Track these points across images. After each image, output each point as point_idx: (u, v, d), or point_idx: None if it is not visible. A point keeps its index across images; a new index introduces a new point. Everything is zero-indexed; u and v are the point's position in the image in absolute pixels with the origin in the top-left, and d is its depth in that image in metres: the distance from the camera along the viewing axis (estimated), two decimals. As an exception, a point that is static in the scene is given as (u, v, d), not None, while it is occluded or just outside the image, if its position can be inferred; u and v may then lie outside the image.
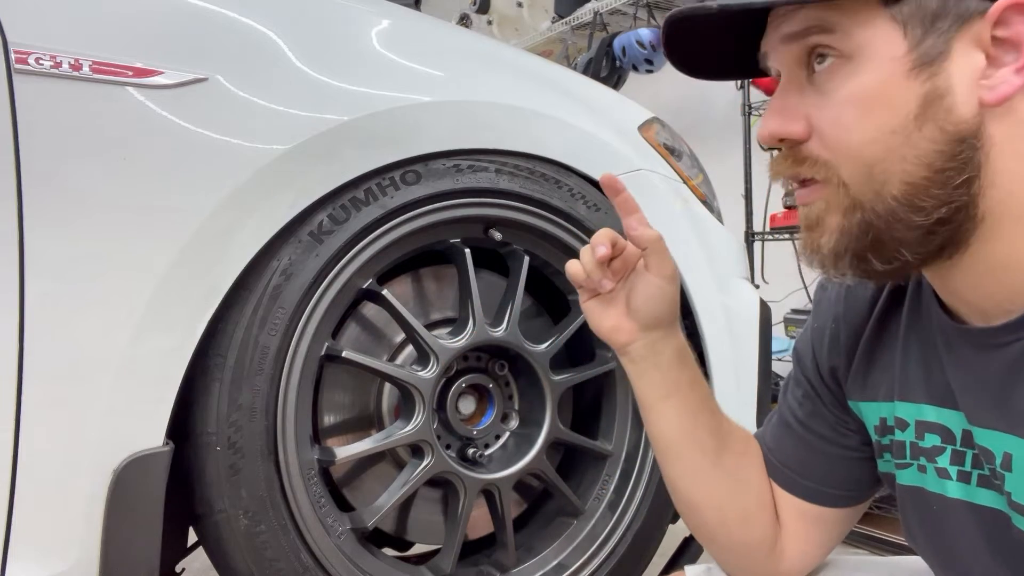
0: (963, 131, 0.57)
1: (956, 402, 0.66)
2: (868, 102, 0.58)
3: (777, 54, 0.63)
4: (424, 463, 1.15)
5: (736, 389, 1.39)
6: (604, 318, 0.79)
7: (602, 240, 0.76)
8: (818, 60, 0.60)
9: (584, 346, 1.37)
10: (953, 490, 0.67)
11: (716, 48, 0.68)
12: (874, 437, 0.75)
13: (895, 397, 0.72)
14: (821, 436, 0.80)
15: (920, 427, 0.69)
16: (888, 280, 0.69)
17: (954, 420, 0.66)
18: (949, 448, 0.67)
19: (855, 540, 2.23)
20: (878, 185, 0.59)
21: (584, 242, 1.26)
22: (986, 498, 0.64)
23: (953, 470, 0.67)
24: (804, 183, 0.63)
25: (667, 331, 0.79)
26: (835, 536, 0.83)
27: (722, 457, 0.81)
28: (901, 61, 0.57)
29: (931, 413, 0.68)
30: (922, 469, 0.69)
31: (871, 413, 0.75)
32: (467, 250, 1.20)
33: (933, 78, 0.57)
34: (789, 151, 0.63)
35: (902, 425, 0.71)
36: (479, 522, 1.29)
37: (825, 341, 0.79)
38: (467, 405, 1.26)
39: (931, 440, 0.68)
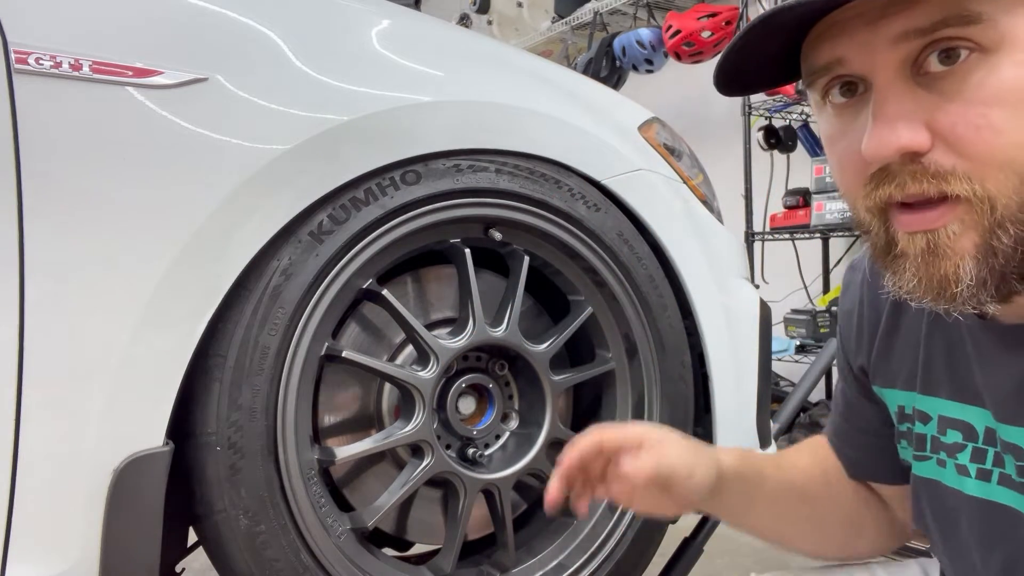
0: None
1: (982, 399, 0.64)
2: (1021, 100, 0.51)
3: (872, 57, 0.54)
4: (424, 463, 1.15)
5: (736, 389, 1.39)
6: (641, 506, 0.76)
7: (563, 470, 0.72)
8: (943, 58, 0.52)
9: (584, 346, 1.37)
10: (971, 487, 0.66)
11: (760, 55, 0.61)
12: (895, 423, 0.76)
13: (916, 389, 0.71)
14: (861, 426, 0.81)
15: (943, 423, 0.68)
16: (1009, 299, 0.58)
17: (978, 417, 0.65)
18: (970, 446, 0.66)
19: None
20: None
21: (584, 242, 1.26)
22: (1005, 497, 0.64)
23: (973, 468, 0.66)
24: (925, 204, 0.54)
25: (695, 478, 0.74)
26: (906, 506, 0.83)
27: (812, 503, 0.82)
28: None
29: (954, 409, 0.67)
30: (941, 464, 0.69)
31: (891, 399, 0.75)
32: (467, 250, 1.20)
33: None
34: (903, 168, 0.54)
35: (924, 418, 0.70)
36: (479, 522, 1.29)
37: (853, 325, 0.78)
38: (467, 405, 1.26)
39: (953, 436, 0.67)
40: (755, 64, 0.62)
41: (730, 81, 0.64)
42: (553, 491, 0.73)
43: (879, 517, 0.84)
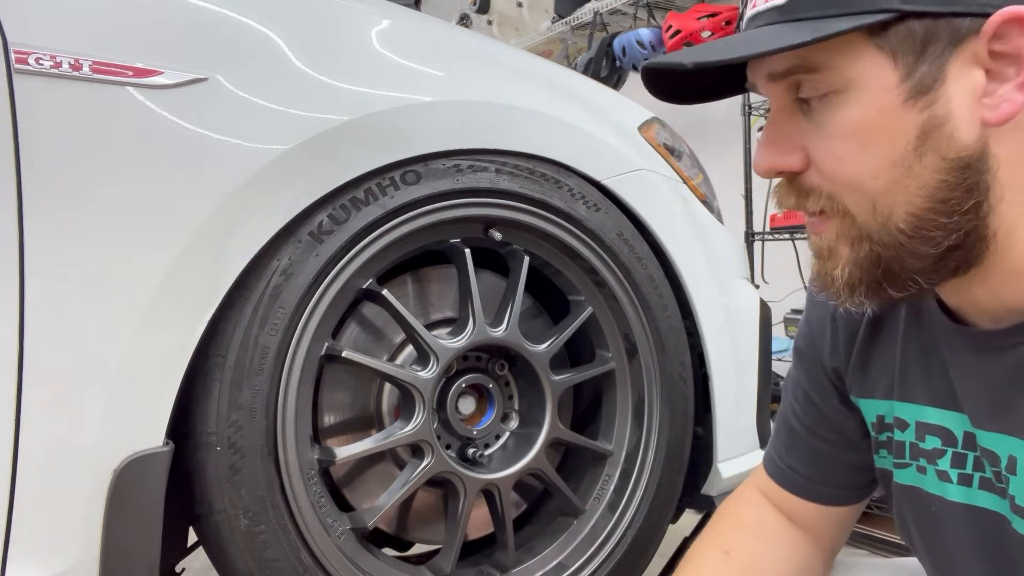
0: (966, 157, 0.55)
1: (959, 404, 0.65)
2: (864, 135, 0.56)
3: (764, 88, 0.62)
4: (424, 463, 1.15)
5: (736, 389, 1.39)
6: None
7: None
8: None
9: (584, 346, 1.37)
10: (953, 493, 0.67)
11: (700, 82, 0.66)
12: (872, 433, 0.75)
13: (894, 397, 0.71)
14: (826, 439, 0.80)
15: (921, 428, 0.69)
16: (905, 302, 0.67)
17: (956, 422, 0.66)
18: (950, 451, 0.67)
19: (855, 540, 2.23)
20: (883, 218, 0.57)
21: (584, 242, 1.26)
22: (987, 501, 0.64)
23: (954, 473, 0.66)
24: (813, 212, 0.62)
25: None
26: (847, 532, 0.85)
27: None
28: (895, 92, 0.55)
29: (932, 415, 0.68)
30: (921, 470, 0.69)
31: (869, 410, 0.75)
32: (467, 250, 1.20)
33: (931, 106, 0.55)
34: (789, 182, 0.62)
35: (902, 425, 0.71)
36: (479, 522, 1.29)
37: (826, 338, 0.78)
38: (467, 405, 1.26)
39: (932, 442, 0.68)
40: (699, 92, 0.68)
41: (672, 96, 0.68)
42: None
43: (813, 557, 0.83)
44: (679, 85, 0.66)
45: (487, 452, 1.26)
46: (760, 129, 3.02)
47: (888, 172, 0.56)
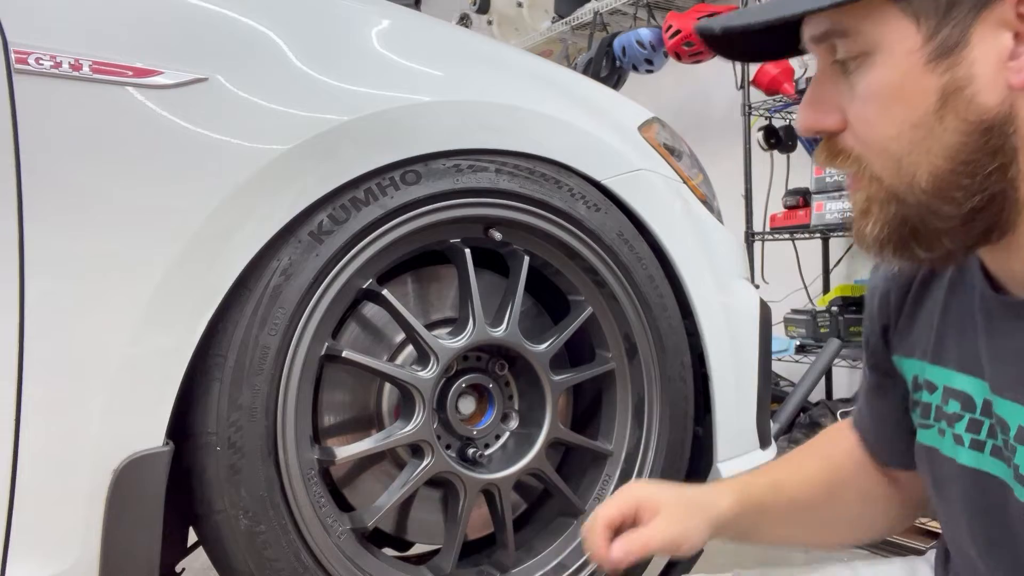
0: (989, 120, 0.56)
1: (983, 371, 0.67)
2: (887, 97, 0.58)
3: (811, 49, 0.64)
4: (424, 463, 1.15)
5: (736, 389, 1.39)
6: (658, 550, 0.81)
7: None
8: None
9: (584, 346, 1.37)
10: (964, 457, 0.68)
11: (755, 43, 0.68)
12: (910, 392, 0.78)
13: (928, 359, 0.74)
14: (883, 412, 0.84)
15: (946, 392, 0.71)
16: (938, 265, 0.70)
17: (977, 389, 0.67)
18: (967, 416, 0.68)
19: (855, 540, 2.23)
20: (907, 178, 0.59)
21: (584, 242, 1.26)
22: (994, 467, 0.65)
23: (967, 437, 0.68)
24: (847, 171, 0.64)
25: (686, 545, 0.79)
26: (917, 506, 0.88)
27: (818, 510, 0.86)
28: (917, 54, 0.57)
29: (958, 380, 0.70)
30: (941, 433, 0.71)
31: (908, 369, 0.78)
32: (467, 250, 1.20)
33: (952, 69, 0.56)
34: (827, 142, 0.64)
35: (930, 388, 0.73)
36: (479, 522, 1.29)
37: (877, 299, 0.82)
38: (467, 405, 1.26)
39: (953, 407, 0.70)
40: (751, 44, 0.69)
41: (725, 51, 0.72)
42: (609, 571, 0.80)
43: (891, 499, 0.87)
44: (734, 46, 0.69)
45: (487, 452, 1.26)
46: (760, 129, 3.02)
47: (910, 133, 0.58)
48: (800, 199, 2.79)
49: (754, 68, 2.79)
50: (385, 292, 1.14)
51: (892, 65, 0.58)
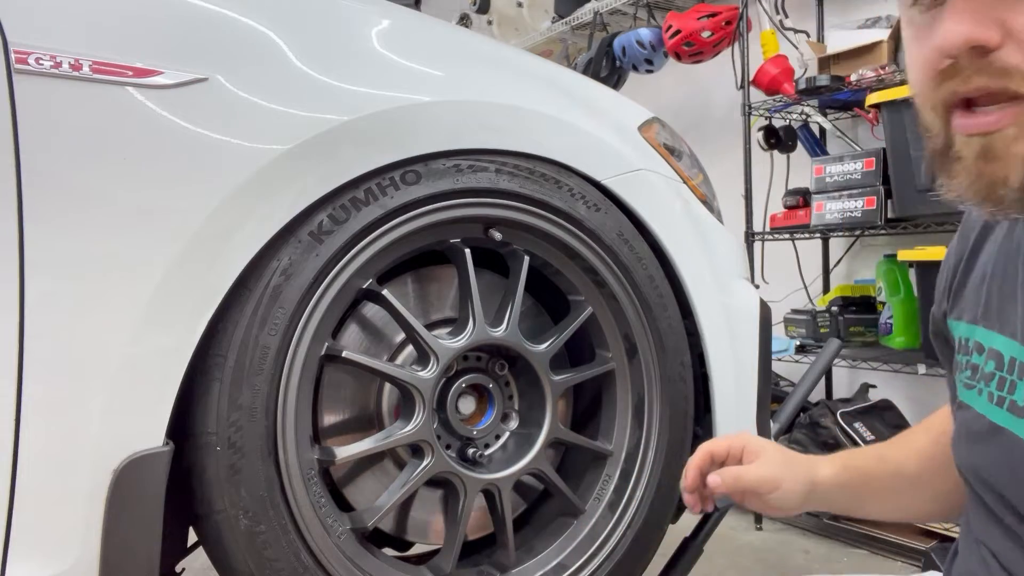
0: None
1: (1015, 329, 0.67)
2: None
3: None
4: (424, 463, 1.15)
5: (736, 389, 1.39)
6: (747, 505, 0.87)
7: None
8: None
9: (584, 346, 1.37)
10: (993, 414, 0.69)
11: None
12: (956, 355, 0.78)
13: (978, 321, 0.74)
14: (954, 395, 0.83)
15: (989, 354, 0.71)
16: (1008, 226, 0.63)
17: (1009, 348, 0.68)
18: (998, 375, 0.69)
19: (855, 540, 2.24)
20: None
21: (584, 242, 1.26)
22: (1009, 422, 0.66)
23: (996, 395, 0.69)
24: (976, 106, 0.56)
25: (780, 490, 0.84)
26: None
27: (926, 483, 0.86)
28: None
29: (997, 341, 0.70)
30: (979, 392, 0.72)
31: (957, 331, 0.78)
32: (467, 250, 1.20)
33: None
34: (970, 63, 0.55)
35: (979, 349, 0.73)
36: (479, 522, 1.29)
37: (943, 271, 0.82)
38: (467, 405, 1.26)
39: (990, 366, 0.70)
40: None
41: None
42: (687, 500, 0.89)
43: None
44: None
45: (487, 452, 1.27)
46: (760, 129, 3.02)
47: None
48: (800, 199, 2.79)
49: (754, 68, 2.79)
50: (385, 292, 1.14)
51: None
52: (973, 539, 0.73)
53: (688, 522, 1.44)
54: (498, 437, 1.29)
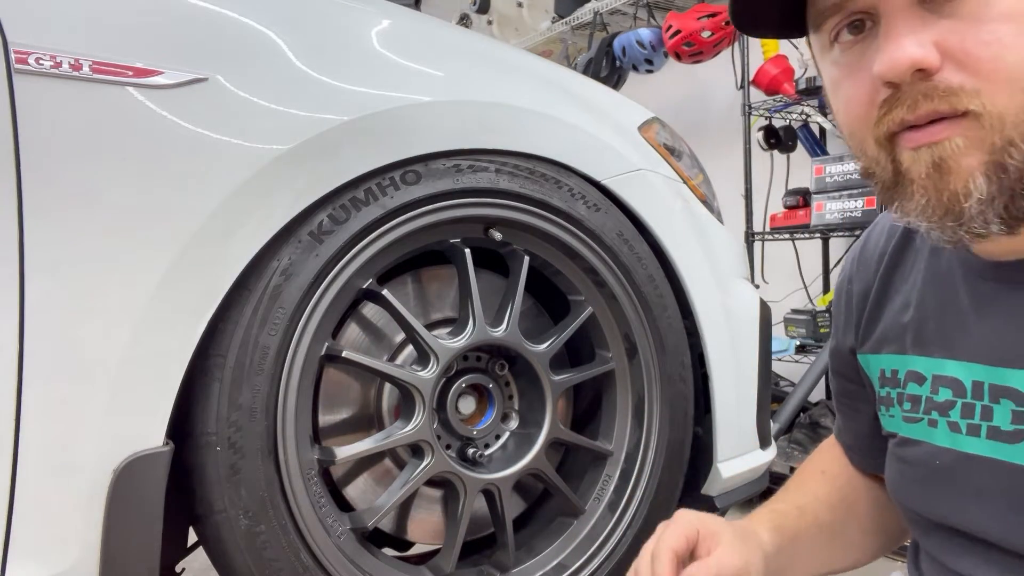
0: None
1: (973, 353, 0.65)
2: None
3: None
4: (424, 463, 1.15)
5: (736, 389, 1.39)
6: None
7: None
8: None
9: (584, 346, 1.37)
10: (964, 444, 0.66)
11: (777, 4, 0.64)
12: (877, 390, 0.76)
13: (908, 351, 0.72)
14: (857, 423, 0.83)
15: (936, 381, 0.69)
16: (1014, 229, 0.60)
17: (966, 372, 0.66)
18: (960, 401, 0.67)
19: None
20: None
21: (584, 242, 1.26)
22: (997, 451, 0.64)
23: (963, 424, 0.66)
24: (928, 122, 0.56)
25: (758, 549, 0.77)
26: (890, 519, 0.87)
27: (841, 531, 0.85)
28: None
29: (948, 367, 0.68)
30: (932, 424, 0.69)
31: (875, 365, 0.76)
32: (467, 250, 1.20)
33: None
34: (913, 88, 0.56)
35: (919, 379, 0.71)
36: (479, 522, 1.29)
37: (842, 303, 0.80)
38: (467, 405, 1.26)
39: (944, 394, 0.68)
40: (765, 6, 0.65)
41: (741, 18, 0.67)
42: None
43: (886, 510, 0.86)
44: (757, 11, 0.66)
45: (487, 452, 1.27)
46: (760, 129, 3.02)
47: None
48: (800, 199, 2.79)
49: (754, 68, 2.79)
50: (385, 292, 1.14)
51: None
52: None
53: (688, 522, 1.44)
54: (498, 437, 1.29)
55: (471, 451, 1.23)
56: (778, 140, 3.05)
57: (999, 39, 0.54)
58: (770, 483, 1.49)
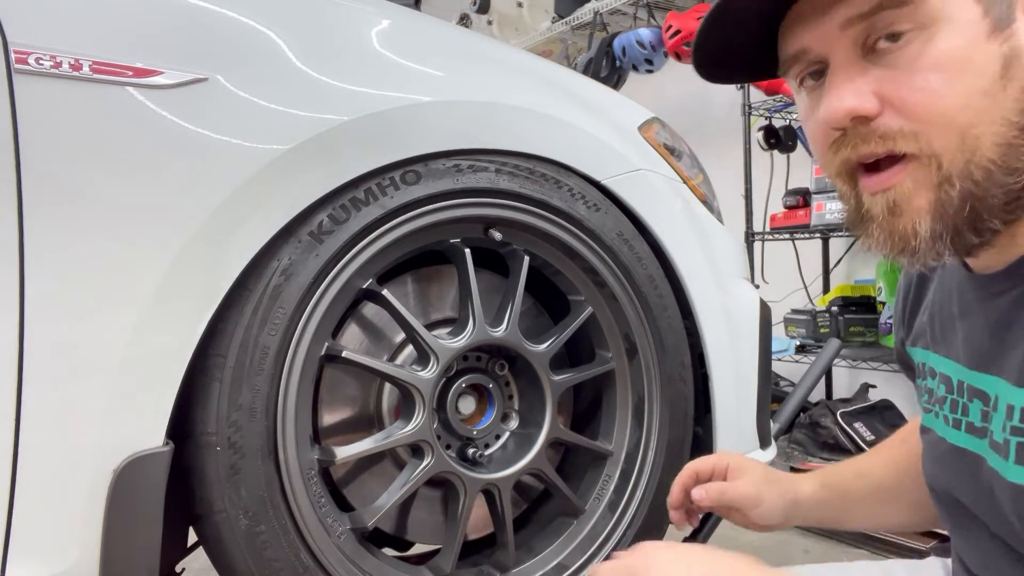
0: None
1: (957, 353, 0.71)
2: (956, 66, 0.58)
3: (828, 41, 0.62)
4: (424, 463, 1.15)
5: (736, 389, 1.39)
6: (731, 519, 0.95)
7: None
8: (888, 37, 0.60)
9: (584, 346, 1.37)
10: (952, 437, 0.72)
11: (740, 45, 0.69)
12: (917, 379, 0.83)
13: (929, 347, 0.78)
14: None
15: (939, 377, 0.75)
16: (975, 253, 0.65)
17: (954, 371, 0.72)
18: (949, 397, 0.72)
19: (855, 540, 2.24)
20: (970, 152, 0.58)
21: (584, 242, 1.26)
22: (970, 443, 0.69)
23: (950, 417, 0.72)
24: (876, 168, 0.62)
25: (762, 507, 0.92)
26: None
27: (904, 493, 0.91)
28: (979, 24, 0.58)
29: (944, 364, 0.74)
30: (936, 415, 0.75)
31: (915, 356, 0.83)
32: (467, 250, 1.20)
33: (1010, 39, 0.58)
34: (855, 132, 0.62)
35: (932, 374, 0.77)
36: (479, 522, 1.29)
37: (899, 296, 0.87)
38: (467, 405, 1.26)
39: (941, 389, 0.74)
40: (735, 55, 0.70)
41: (711, 70, 0.72)
42: (673, 517, 0.97)
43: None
44: (721, 54, 0.70)
45: (487, 452, 1.27)
46: (760, 129, 3.02)
47: (978, 102, 0.58)
48: (800, 199, 2.79)
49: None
50: (385, 292, 1.14)
51: (958, 34, 0.58)
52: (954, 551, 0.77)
53: (688, 522, 1.44)
54: (498, 437, 1.29)
55: (471, 451, 1.23)
56: (778, 140, 3.05)
57: (930, 87, 0.58)
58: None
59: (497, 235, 1.22)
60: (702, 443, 1.38)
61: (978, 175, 0.58)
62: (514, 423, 1.30)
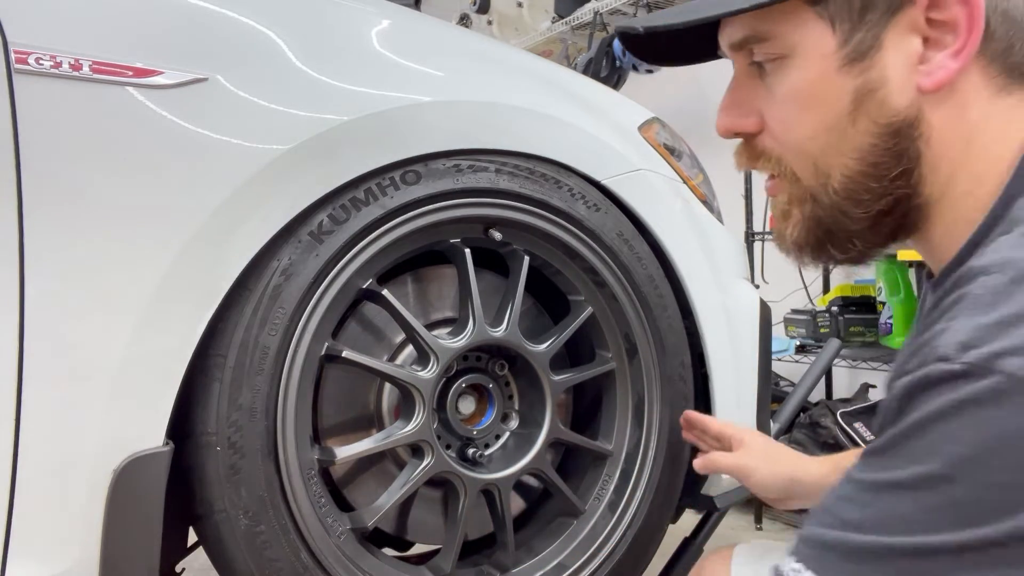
0: (897, 123, 0.58)
1: None
2: (804, 99, 0.60)
3: (729, 55, 0.67)
4: (424, 463, 1.15)
5: (736, 389, 1.39)
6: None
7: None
8: (766, 63, 0.63)
9: (584, 346, 1.37)
10: None
11: (681, 46, 0.72)
12: None
13: None
14: None
15: None
16: (853, 265, 0.72)
17: None
18: None
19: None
20: (823, 179, 0.61)
21: (584, 242, 1.26)
22: None
23: None
24: (771, 175, 0.67)
25: (753, 479, 0.99)
26: None
27: None
28: (832, 58, 0.59)
29: None
30: None
31: None
32: (467, 250, 1.20)
33: (866, 72, 0.58)
34: (746, 144, 0.67)
35: None
36: (479, 522, 1.29)
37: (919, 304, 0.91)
38: (467, 405, 1.26)
39: None
40: (671, 51, 0.74)
41: (648, 59, 0.76)
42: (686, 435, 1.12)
43: None
44: (657, 47, 0.73)
45: (487, 452, 1.27)
46: (760, 129, 3.02)
47: (825, 135, 0.60)
48: (800, 199, 2.79)
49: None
50: (385, 292, 1.14)
51: (808, 67, 0.60)
52: None
53: (688, 522, 1.44)
54: (498, 437, 1.29)
55: (471, 451, 1.23)
56: (778, 140, 3.05)
57: (784, 117, 0.62)
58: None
59: (497, 235, 1.22)
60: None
61: (826, 202, 0.61)
62: (514, 423, 1.30)
